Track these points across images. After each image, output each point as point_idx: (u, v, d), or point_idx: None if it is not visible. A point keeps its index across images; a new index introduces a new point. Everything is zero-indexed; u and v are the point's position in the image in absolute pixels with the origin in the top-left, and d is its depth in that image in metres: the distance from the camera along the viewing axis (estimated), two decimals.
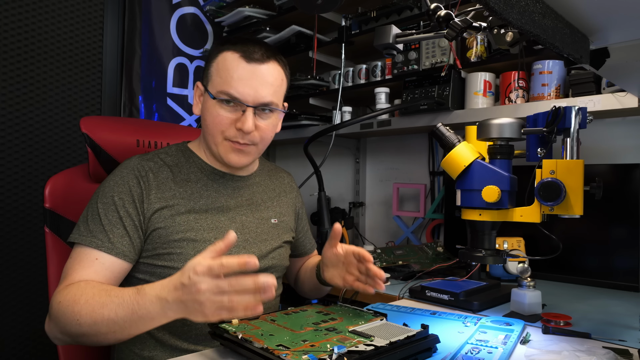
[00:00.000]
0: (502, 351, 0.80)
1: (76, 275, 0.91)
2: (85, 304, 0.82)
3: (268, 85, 1.01)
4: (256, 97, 0.99)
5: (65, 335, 0.87)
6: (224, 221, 1.06)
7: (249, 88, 0.98)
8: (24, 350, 1.86)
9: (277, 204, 1.20)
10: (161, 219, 0.99)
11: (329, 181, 2.41)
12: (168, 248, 0.99)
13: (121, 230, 0.96)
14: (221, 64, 1.00)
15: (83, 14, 2.05)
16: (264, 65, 1.00)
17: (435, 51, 1.70)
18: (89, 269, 0.92)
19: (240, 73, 0.98)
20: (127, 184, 1.00)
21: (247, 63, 0.99)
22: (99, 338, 0.83)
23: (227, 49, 1.01)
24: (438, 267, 1.52)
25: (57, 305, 0.86)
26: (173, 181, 1.04)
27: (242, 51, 0.99)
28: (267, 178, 1.22)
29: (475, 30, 0.83)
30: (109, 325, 0.81)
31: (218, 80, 1.00)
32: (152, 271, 1.00)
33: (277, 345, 0.74)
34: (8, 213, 1.85)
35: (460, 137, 0.97)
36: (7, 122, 1.85)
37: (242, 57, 0.99)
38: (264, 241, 1.11)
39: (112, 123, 1.28)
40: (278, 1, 2.08)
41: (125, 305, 0.80)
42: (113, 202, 0.98)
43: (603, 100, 1.33)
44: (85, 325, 0.82)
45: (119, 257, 0.94)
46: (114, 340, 0.83)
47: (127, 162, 1.05)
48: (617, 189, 1.41)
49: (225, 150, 1.04)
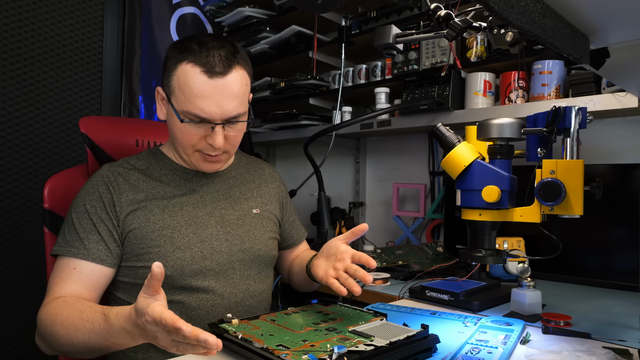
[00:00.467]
0: (502, 351, 0.80)
1: (57, 289, 0.93)
2: (61, 326, 0.85)
3: (233, 98, 0.97)
4: (223, 113, 0.96)
5: (52, 350, 0.91)
6: (202, 216, 1.06)
7: (215, 106, 0.95)
8: (24, 350, 1.86)
9: (258, 194, 1.18)
10: (135, 219, 1.00)
11: (329, 181, 2.41)
12: (146, 247, 0.99)
13: (96, 237, 0.97)
14: (182, 79, 0.95)
15: (83, 14, 2.05)
16: (227, 77, 0.95)
17: (435, 51, 1.70)
18: (67, 280, 0.94)
19: (203, 91, 0.94)
20: (97, 192, 1.01)
21: (209, 78, 0.94)
22: (82, 355, 0.87)
23: (187, 60, 0.95)
24: (438, 267, 1.52)
25: (39, 323, 0.90)
26: (144, 182, 1.05)
27: (203, 64, 0.94)
28: (244, 171, 1.21)
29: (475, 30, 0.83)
30: (86, 347, 0.83)
31: (181, 97, 0.96)
32: (135, 273, 1.00)
33: (277, 345, 0.74)
34: (8, 213, 1.84)
35: (460, 137, 0.97)
36: (7, 122, 1.85)
37: (203, 72, 0.94)
38: (247, 232, 1.10)
39: (111, 123, 1.28)
40: (278, 1, 2.08)
41: (96, 332, 0.80)
42: (85, 210, 0.99)
43: (603, 100, 1.33)
44: (65, 345, 0.85)
45: (96, 263, 0.95)
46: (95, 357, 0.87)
47: (97, 171, 1.06)
48: (617, 189, 1.41)
49: (197, 161, 1.04)
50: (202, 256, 1.02)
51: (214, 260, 1.03)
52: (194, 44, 0.96)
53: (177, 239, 1.00)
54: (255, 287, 1.10)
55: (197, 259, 1.01)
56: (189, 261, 1.00)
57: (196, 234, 1.03)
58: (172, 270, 0.98)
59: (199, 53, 0.95)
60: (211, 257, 1.03)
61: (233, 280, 1.06)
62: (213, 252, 1.03)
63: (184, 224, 1.03)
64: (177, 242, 1.00)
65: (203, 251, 1.02)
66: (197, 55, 0.95)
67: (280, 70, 2.36)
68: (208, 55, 0.94)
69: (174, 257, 0.99)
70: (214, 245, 1.04)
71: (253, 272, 1.10)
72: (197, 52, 0.95)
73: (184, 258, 1.00)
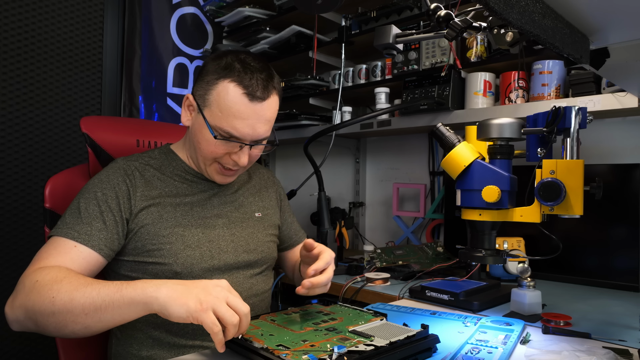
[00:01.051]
0: (502, 351, 0.80)
1: (52, 260, 0.89)
2: (68, 283, 0.81)
3: (266, 122, 1.01)
4: (254, 136, 1.01)
5: (30, 315, 0.82)
6: (210, 217, 1.08)
7: (249, 128, 0.99)
8: (24, 350, 1.86)
9: (260, 199, 1.21)
10: (148, 215, 1.00)
11: (329, 181, 2.41)
12: (157, 244, 0.99)
13: (100, 224, 0.96)
14: (222, 97, 0.97)
15: (83, 14, 2.05)
16: (265, 103, 0.99)
17: (435, 51, 1.70)
18: (65, 255, 0.90)
19: (242, 113, 0.97)
20: (112, 182, 1.01)
21: (250, 102, 0.97)
22: (67, 320, 0.79)
23: (231, 78, 0.97)
24: (438, 267, 1.52)
25: (32, 285, 0.83)
26: (159, 179, 1.06)
27: (245, 87, 0.97)
28: (247, 176, 1.24)
29: (475, 30, 0.83)
30: (84, 304, 0.78)
31: (218, 113, 0.98)
32: (144, 268, 1.00)
33: (277, 345, 0.74)
34: (8, 213, 1.84)
35: (460, 137, 0.97)
36: (7, 122, 1.85)
37: (245, 94, 0.97)
38: (251, 234, 1.13)
39: (112, 123, 1.28)
40: (278, 1, 2.08)
41: (111, 286, 0.79)
42: (95, 197, 0.98)
43: (603, 100, 1.33)
44: (60, 303, 0.79)
45: (94, 250, 0.94)
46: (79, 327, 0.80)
47: (113, 163, 1.06)
48: (617, 189, 1.41)
49: (213, 172, 1.06)
50: (211, 255, 1.04)
51: (221, 259, 1.05)
52: (237, 63, 0.98)
53: (187, 237, 1.02)
54: (258, 286, 1.12)
55: (206, 258, 1.03)
56: (198, 259, 1.02)
57: (205, 233, 1.05)
58: (182, 268, 0.99)
59: (242, 74, 0.97)
60: (219, 257, 1.05)
61: (238, 280, 1.07)
62: (220, 252, 1.05)
63: (194, 224, 1.04)
64: (188, 241, 1.02)
65: (211, 250, 1.04)
66: (240, 76, 0.97)
67: (280, 70, 2.35)
68: (252, 79, 0.97)
69: (185, 255, 1.00)
70: (221, 245, 1.06)
71: (256, 272, 1.12)
72: (242, 72, 0.97)
73: (193, 256, 1.01)
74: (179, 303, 0.73)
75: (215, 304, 0.72)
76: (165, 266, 0.99)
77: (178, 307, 0.73)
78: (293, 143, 2.59)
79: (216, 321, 0.71)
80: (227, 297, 0.74)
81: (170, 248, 0.99)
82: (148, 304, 0.76)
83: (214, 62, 1.01)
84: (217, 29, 2.43)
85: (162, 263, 0.99)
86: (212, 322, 0.71)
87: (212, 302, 0.72)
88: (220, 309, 0.72)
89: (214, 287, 0.75)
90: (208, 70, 1.01)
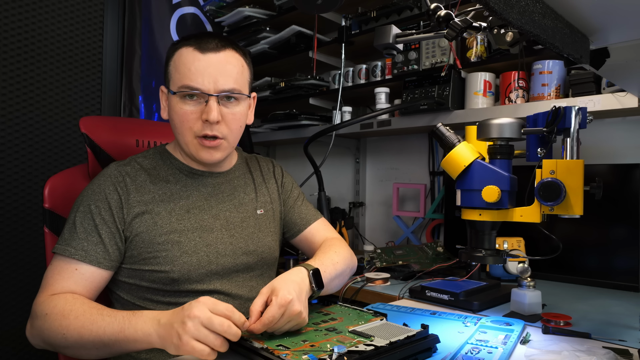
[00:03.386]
0: (502, 351, 0.80)
1: (58, 285, 0.92)
2: (75, 320, 0.84)
3: (227, 73, 1.00)
4: (216, 85, 0.98)
5: (47, 345, 0.89)
6: (207, 219, 1.06)
7: (208, 77, 0.98)
8: (24, 350, 1.86)
9: (260, 194, 1.18)
10: (143, 223, 0.99)
11: (329, 181, 2.41)
12: (153, 252, 0.98)
13: (96, 238, 0.96)
14: (177, 60, 1.00)
15: (83, 14, 2.05)
16: (221, 54, 1.00)
17: (435, 51, 1.70)
18: (69, 280, 0.93)
19: (197, 65, 0.98)
20: (103, 192, 1.00)
21: (202, 54, 0.98)
22: (81, 352, 0.86)
23: (182, 45, 1.01)
24: (438, 267, 1.52)
25: (43, 317, 0.87)
26: (152, 183, 1.04)
27: (196, 44, 0.99)
28: (246, 170, 1.20)
29: (475, 30, 0.83)
30: (94, 342, 0.82)
31: (177, 76, 1.00)
32: (141, 275, 1.00)
33: (277, 345, 0.74)
34: (8, 213, 1.84)
35: (460, 137, 0.97)
36: (7, 122, 1.85)
37: (196, 49, 0.98)
38: (251, 235, 1.11)
39: (111, 123, 1.28)
40: (278, 1, 2.08)
41: (115, 324, 0.81)
42: (89, 210, 0.98)
43: (603, 100, 1.33)
44: (71, 339, 0.84)
45: (92, 265, 0.94)
46: (94, 355, 0.86)
47: (105, 170, 1.05)
48: (617, 189, 1.41)
49: (196, 149, 1.02)
50: (208, 260, 1.02)
51: (219, 264, 1.04)
52: (190, 35, 1.03)
53: (184, 243, 1.01)
54: (258, 288, 1.10)
55: (204, 264, 1.02)
56: (195, 266, 1.00)
57: (202, 237, 1.03)
58: (179, 275, 0.99)
59: (194, 38, 1.01)
60: (216, 261, 1.03)
61: (237, 283, 1.06)
62: (218, 256, 1.04)
63: (191, 228, 1.03)
64: (184, 247, 1.00)
65: (209, 255, 1.03)
66: (191, 40, 1.01)
67: (280, 70, 2.36)
68: (203, 38, 1.00)
69: (181, 262, 0.99)
70: (219, 249, 1.04)
71: (256, 273, 1.11)
72: (193, 37, 1.01)
73: (190, 263, 1.00)
74: (169, 344, 0.76)
75: (193, 334, 0.72)
76: (162, 273, 0.98)
77: (172, 349, 0.75)
78: (293, 143, 2.59)
79: (201, 348, 0.72)
80: (202, 321, 0.73)
81: (167, 255, 0.98)
82: (151, 345, 0.79)
83: (170, 45, 1.05)
84: (217, 29, 2.43)
85: (159, 270, 0.98)
86: (200, 351, 0.72)
87: (191, 334, 0.72)
88: (200, 336, 0.72)
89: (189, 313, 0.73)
90: (167, 55, 1.05)
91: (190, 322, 0.73)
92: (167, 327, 0.76)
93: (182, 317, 0.74)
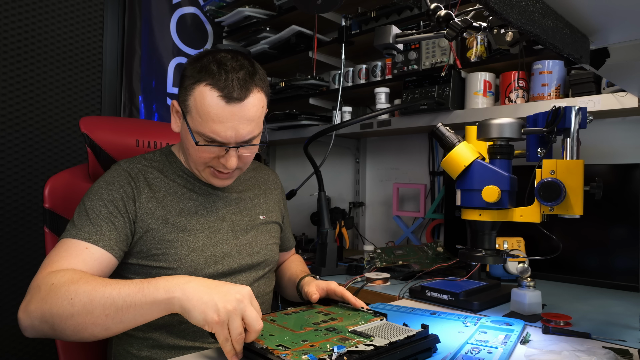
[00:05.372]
0: (502, 351, 0.80)
1: (64, 262, 0.87)
2: (85, 283, 0.79)
3: (249, 122, 0.96)
4: (237, 137, 0.96)
5: (46, 319, 0.79)
6: (214, 220, 1.07)
7: (230, 130, 0.95)
8: (24, 350, 1.86)
9: (264, 201, 1.21)
10: (154, 219, 1.00)
11: (329, 181, 2.41)
12: (162, 248, 0.99)
13: (109, 225, 0.95)
14: (199, 101, 0.94)
15: (83, 14, 2.05)
16: (244, 102, 0.94)
17: (435, 51, 1.70)
18: (77, 257, 0.89)
19: (220, 116, 0.93)
20: (117, 183, 1.00)
21: (227, 104, 0.93)
22: (86, 322, 0.77)
23: (206, 82, 0.93)
24: (438, 267, 1.52)
25: (47, 287, 0.81)
26: (162, 181, 1.05)
27: (221, 89, 0.92)
28: (252, 176, 1.23)
29: (475, 30, 0.83)
30: (105, 305, 0.76)
31: (197, 119, 0.95)
32: (148, 272, 1.00)
33: (277, 345, 0.74)
34: (8, 213, 1.84)
35: (460, 137, 0.97)
36: (7, 122, 1.85)
37: (221, 97, 0.92)
38: (255, 237, 1.13)
39: (111, 123, 1.28)
40: (278, 1, 2.08)
41: (132, 285, 0.77)
42: (102, 198, 0.97)
43: (603, 100, 1.33)
44: (79, 304, 0.77)
45: (106, 250, 0.93)
46: (99, 330, 0.78)
47: (116, 166, 1.05)
48: (617, 189, 1.41)
49: (208, 176, 1.05)
50: (215, 260, 1.03)
51: (225, 264, 1.05)
52: (213, 65, 0.94)
53: (192, 242, 1.01)
54: (260, 289, 1.12)
55: (210, 263, 1.03)
56: (202, 264, 1.01)
57: (209, 237, 1.04)
58: (186, 272, 0.99)
59: (217, 75, 0.93)
60: (222, 261, 1.05)
61: (240, 283, 1.06)
62: (224, 256, 1.05)
63: (199, 228, 1.04)
64: (192, 246, 1.01)
65: (215, 255, 1.04)
66: (215, 78, 0.93)
67: (280, 70, 2.36)
68: (227, 79, 0.93)
69: (189, 260, 1.00)
70: (225, 249, 1.06)
71: (259, 274, 1.12)
72: (216, 74, 0.93)
73: (198, 261, 1.01)
74: (198, 310, 0.72)
75: (231, 318, 0.71)
76: (170, 270, 0.98)
77: (197, 313, 0.72)
78: (293, 143, 2.59)
79: (228, 336, 0.72)
80: (244, 311, 0.73)
81: (175, 253, 0.99)
82: (170, 305, 0.75)
83: (192, 65, 0.97)
84: (217, 29, 2.43)
85: (167, 267, 0.99)
86: (225, 338, 0.72)
87: (229, 315, 0.71)
88: (233, 324, 0.72)
89: (235, 295, 0.73)
90: (186, 75, 0.98)
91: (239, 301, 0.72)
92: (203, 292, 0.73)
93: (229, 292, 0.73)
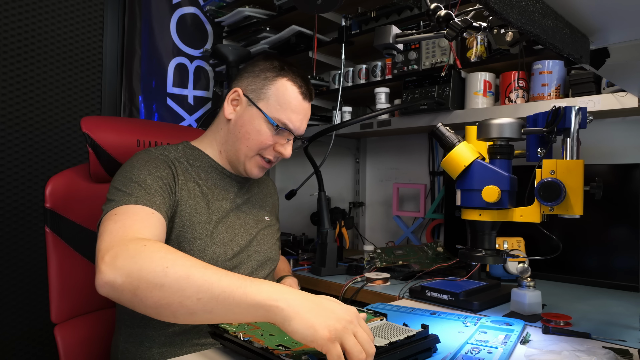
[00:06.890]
0: (502, 351, 0.80)
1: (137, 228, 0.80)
2: (184, 257, 0.73)
3: (308, 121, 1.16)
4: (301, 130, 1.13)
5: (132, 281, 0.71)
6: (232, 216, 1.12)
7: (299, 122, 1.12)
8: (24, 350, 1.86)
9: (266, 204, 1.28)
10: (186, 208, 1.02)
11: (329, 181, 2.41)
12: (190, 237, 1.00)
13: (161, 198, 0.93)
14: (282, 92, 1.08)
15: (83, 14, 2.05)
16: (310, 104, 1.15)
17: (435, 51, 1.70)
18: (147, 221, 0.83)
19: (299, 109, 1.11)
20: (159, 164, 0.99)
21: (304, 100, 1.12)
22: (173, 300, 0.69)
23: (289, 78, 1.09)
24: (438, 267, 1.52)
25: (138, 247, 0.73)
26: (190, 173, 1.08)
27: (300, 86, 1.10)
28: (256, 181, 1.29)
29: (475, 30, 0.83)
30: (201, 287, 0.68)
31: (276, 106, 1.08)
32: None
33: (277, 345, 0.74)
34: (8, 213, 1.85)
35: (460, 137, 0.97)
36: (7, 122, 1.85)
37: (300, 93, 1.10)
38: (262, 235, 1.18)
39: (112, 123, 1.28)
40: (278, 1, 2.08)
41: (235, 278, 0.70)
42: (150, 173, 0.95)
43: (603, 100, 1.33)
44: (173, 276, 0.69)
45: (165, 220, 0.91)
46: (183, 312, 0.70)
47: (144, 152, 1.03)
48: (617, 189, 1.41)
49: (252, 165, 1.12)
50: (233, 253, 1.07)
51: (239, 258, 1.09)
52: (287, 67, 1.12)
53: (215, 234, 1.05)
54: None
55: (229, 256, 1.06)
56: (222, 257, 1.05)
57: (228, 232, 1.08)
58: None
59: (296, 75, 1.11)
60: (238, 256, 1.09)
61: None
62: (240, 251, 1.09)
63: (221, 221, 1.08)
64: (215, 238, 1.05)
65: (233, 248, 1.08)
66: (295, 77, 1.11)
67: None
68: (303, 80, 1.12)
69: (212, 252, 1.03)
70: (241, 244, 1.10)
71: (265, 271, 1.16)
72: (295, 74, 1.11)
73: (219, 254, 1.04)
74: (306, 324, 0.65)
75: (344, 336, 0.65)
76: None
77: (304, 328, 0.65)
78: None
79: (342, 355, 0.64)
80: (355, 330, 0.66)
81: (200, 243, 1.02)
82: (270, 313, 0.67)
83: (266, 61, 1.12)
84: (217, 29, 2.43)
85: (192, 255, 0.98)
86: (338, 356, 0.64)
87: (341, 334, 0.65)
88: (349, 342, 0.65)
89: (344, 314, 0.67)
90: (262, 68, 1.11)
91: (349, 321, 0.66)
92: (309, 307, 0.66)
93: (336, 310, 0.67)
